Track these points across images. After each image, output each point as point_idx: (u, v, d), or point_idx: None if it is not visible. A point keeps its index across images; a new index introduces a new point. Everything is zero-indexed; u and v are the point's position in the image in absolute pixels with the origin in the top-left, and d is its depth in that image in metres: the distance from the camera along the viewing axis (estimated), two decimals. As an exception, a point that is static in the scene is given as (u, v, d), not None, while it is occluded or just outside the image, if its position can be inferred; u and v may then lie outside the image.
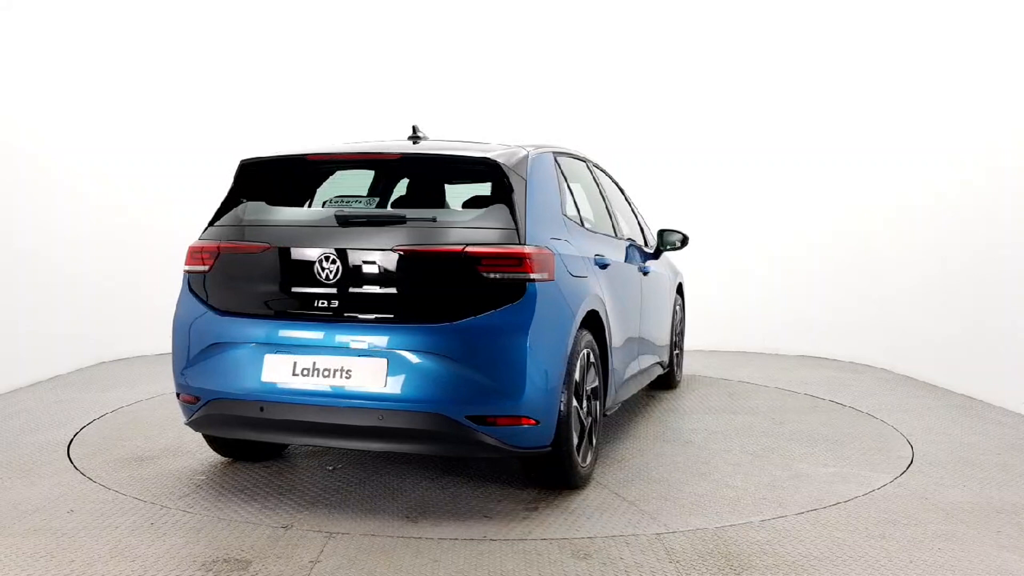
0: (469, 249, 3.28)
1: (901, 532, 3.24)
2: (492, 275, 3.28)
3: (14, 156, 6.19)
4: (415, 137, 4.08)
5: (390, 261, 3.32)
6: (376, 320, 3.33)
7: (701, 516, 3.39)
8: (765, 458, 4.26)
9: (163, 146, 7.47)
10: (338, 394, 3.29)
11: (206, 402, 3.52)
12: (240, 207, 3.72)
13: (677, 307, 6.15)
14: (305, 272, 3.40)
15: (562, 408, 3.45)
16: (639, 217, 5.59)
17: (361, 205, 3.61)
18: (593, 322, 3.88)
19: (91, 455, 4.24)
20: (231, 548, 3.01)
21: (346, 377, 3.28)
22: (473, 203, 3.77)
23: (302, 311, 3.42)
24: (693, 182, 8.01)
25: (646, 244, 5.46)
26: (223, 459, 4.16)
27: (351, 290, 3.36)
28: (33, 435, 4.61)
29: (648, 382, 5.30)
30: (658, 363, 5.51)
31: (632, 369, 4.67)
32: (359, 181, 4.42)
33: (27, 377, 6.06)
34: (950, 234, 6.37)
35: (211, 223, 3.75)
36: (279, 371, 3.36)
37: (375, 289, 3.34)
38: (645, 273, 4.99)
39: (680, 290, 6.30)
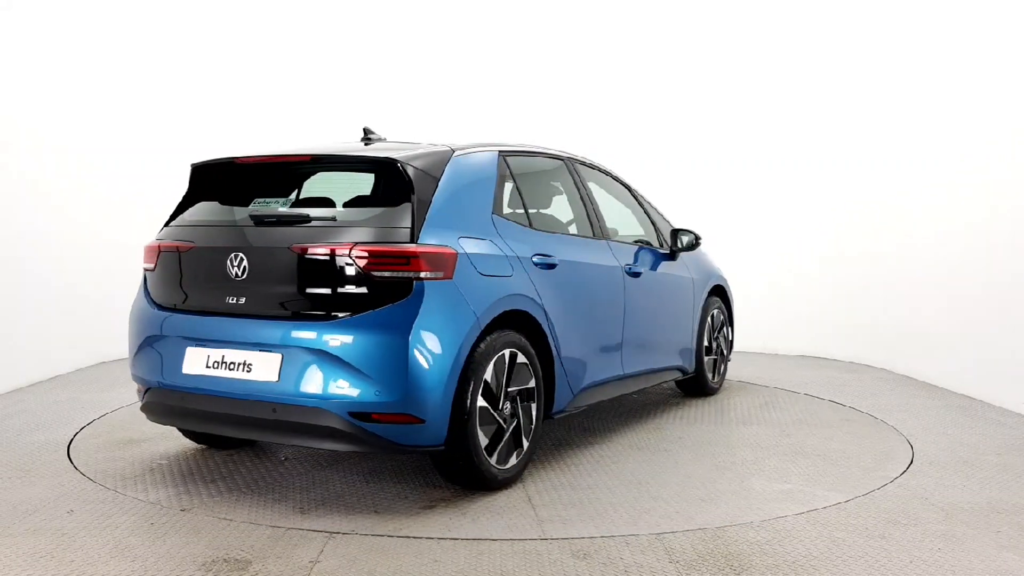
0: (358, 248, 3.34)
1: (901, 532, 3.24)
2: (379, 273, 3.32)
3: (14, 155, 6.19)
4: (367, 139, 4.16)
5: (288, 259, 3.43)
6: (274, 316, 3.46)
7: (593, 526, 3.28)
8: (727, 471, 4.06)
9: (165, 147, 7.46)
10: (240, 386, 3.44)
11: (147, 390, 3.80)
12: (190, 208, 3.95)
13: (716, 310, 5.89)
14: (220, 269, 3.57)
15: (467, 407, 3.44)
16: (654, 218, 5.41)
17: (278, 205, 3.69)
18: (525, 322, 3.85)
19: (91, 455, 4.24)
20: (231, 548, 3.01)
21: (247, 371, 3.43)
22: (378, 202, 3.75)
23: (217, 306, 3.59)
24: (693, 183, 8.01)
25: (662, 245, 5.32)
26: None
27: (255, 287, 3.51)
28: (33, 435, 4.61)
29: (647, 386, 5.12)
30: (674, 368, 5.35)
31: (609, 372, 4.54)
32: (339, 183, 4.38)
33: (27, 377, 6.07)
34: (950, 234, 6.36)
35: (166, 224, 3.97)
36: (196, 363, 3.57)
37: (274, 286, 3.47)
38: (635, 275, 4.80)
39: (719, 293, 6.01)
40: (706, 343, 5.76)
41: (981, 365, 5.85)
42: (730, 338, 6.25)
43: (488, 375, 3.56)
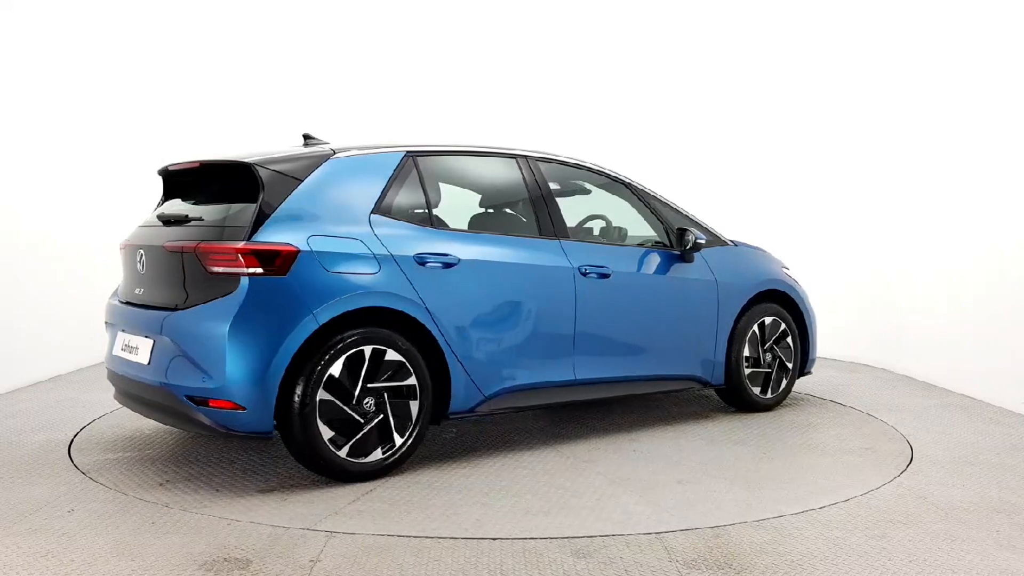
0: (201, 246, 3.69)
1: (901, 532, 3.24)
2: (213, 269, 3.64)
3: (15, 154, 6.20)
4: (307, 144, 4.37)
5: (162, 256, 3.89)
6: (152, 305, 3.92)
7: (371, 523, 3.24)
8: (616, 486, 3.77)
9: (173, 148, 7.47)
10: (130, 368, 3.95)
11: (106, 369, 4.32)
12: (156, 209, 4.38)
13: (769, 318, 5.37)
14: (135, 265, 4.11)
15: (296, 400, 3.60)
16: (665, 218, 5.11)
17: (185, 208, 4.12)
18: (402, 320, 3.88)
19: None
20: (231, 548, 3.02)
21: (136, 354, 3.92)
22: (236, 202, 3.90)
23: (131, 297, 4.14)
24: (694, 183, 8.01)
25: (672, 246, 5.08)
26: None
27: (147, 280, 4.00)
28: (33, 435, 4.62)
29: (632, 393, 4.83)
30: (683, 377, 5.01)
31: (551, 376, 4.39)
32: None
33: (27, 377, 6.07)
34: (950, 233, 6.36)
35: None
36: (118, 346, 4.12)
37: (156, 279, 3.94)
38: (603, 276, 4.57)
39: (779, 298, 5.46)
40: (748, 353, 5.25)
41: (981, 365, 5.85)
42: (802, 349, 5.59)
43: (336, 369, 3.67)
